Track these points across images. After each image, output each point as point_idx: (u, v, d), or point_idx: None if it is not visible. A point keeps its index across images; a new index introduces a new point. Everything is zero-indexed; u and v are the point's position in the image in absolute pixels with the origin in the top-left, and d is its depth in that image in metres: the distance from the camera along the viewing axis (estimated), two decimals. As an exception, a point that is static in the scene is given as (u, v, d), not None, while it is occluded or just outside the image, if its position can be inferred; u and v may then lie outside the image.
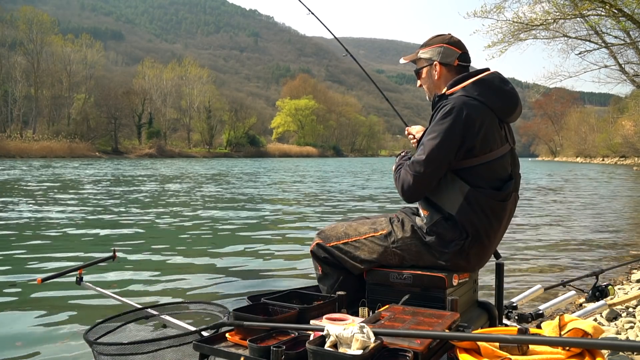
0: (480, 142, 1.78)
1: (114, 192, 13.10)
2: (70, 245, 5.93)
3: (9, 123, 54.28)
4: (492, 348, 1.26)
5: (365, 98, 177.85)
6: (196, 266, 4.97)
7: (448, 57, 1.98)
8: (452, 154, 1.78)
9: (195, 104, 73.90)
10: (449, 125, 1.77)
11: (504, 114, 1.87)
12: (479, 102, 1.81)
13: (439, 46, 1.99)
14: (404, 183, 1.85)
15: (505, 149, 1.87)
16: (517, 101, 1.91)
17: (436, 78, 2.00)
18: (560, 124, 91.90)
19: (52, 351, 2.81)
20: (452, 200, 1.81)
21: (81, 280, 2.42)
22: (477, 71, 1.93)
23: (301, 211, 9.72)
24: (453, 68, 1.98)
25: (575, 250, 6.05)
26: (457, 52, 1.98)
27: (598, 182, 21.67)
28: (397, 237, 1.90)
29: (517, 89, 1.95)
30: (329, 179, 21.74)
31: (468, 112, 1.77)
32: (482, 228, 1.81)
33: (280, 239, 6.55)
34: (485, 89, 1.84)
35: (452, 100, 1.81)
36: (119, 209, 9.42)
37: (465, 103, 1.79)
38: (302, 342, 1.40)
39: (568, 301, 2.71)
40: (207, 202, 11.21)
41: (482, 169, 1.81)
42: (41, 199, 10.95)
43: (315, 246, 2.03)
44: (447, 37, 2.02)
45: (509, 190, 1.85)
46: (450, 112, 1.78)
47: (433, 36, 2.06)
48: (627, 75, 18.08)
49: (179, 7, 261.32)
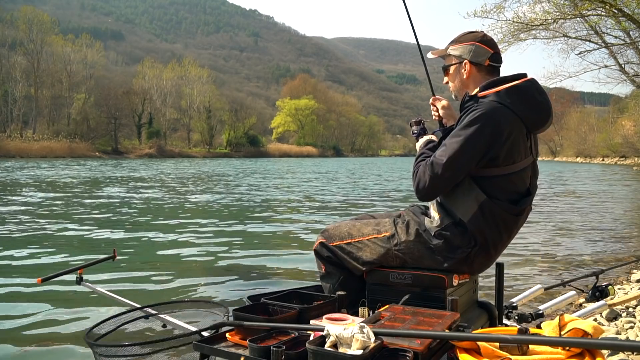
0: (505, 153, 1.72)
1: (114, 192, 13.10)
2: (70, 245, 5.93)
3: (9, 123, 54.26)
4: (492, 348, 1.26)
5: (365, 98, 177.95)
6: (196, 266, 4.97)
7: (479, 57, 1.89)
8: (474, 162, 1.72)
9: (195, 104, 73.89)
10: (475, 131, 1.70)
11: (534, 125, 1.80)
12: (510, 110, 1.72)
13: (470, 44, 1.90)
14: (419, 181, 1.78)
15: (529, 160, 1.81)
16: (550, 113, 1.83)
17: (465, 77, 1.92)
18: (560, 124, 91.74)
19: (52, 351, 2.81)
20: (466, 207, 1.76)
21: (81, 280, 2.42)
22: (513, 76, 1.83)
23: (301, 211, 9.71)
24: (483, 68, 1.89)
25: (575, 250, 6.05)
26: (490, 51, 1.89)
27: (598, 182, 21.67)
28: (400, 240, 1.87)
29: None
30: (328, 179, 21.73)
31: (497, 120, 1.70)
32: (491, 239, 1.78)
33: (280, 239, 6.55)
34: (519, 98, 1.75)
35: (483, 106, 1.73)
36: (119, 209, 9.42)
37: (496, 110, 1.71)
38: (302, 342, 1.39)
39: (568, 301, 2.71)
40: (207, 202, 11.21)
41: (502, 181, 1.76)
42: (41, 199, 10.95)
43: (319, 245, 2.02)
44: (480, 35, 1.92)
45: (525, 205, 1.81)
46: (479, 118, 1.70)
47: (464, 33, 1.96)
48: (627, 75, 18.06)
49: (179, 7, 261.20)
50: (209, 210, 9.71)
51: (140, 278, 4.47)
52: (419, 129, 2.08)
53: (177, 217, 8.61)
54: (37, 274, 2.49)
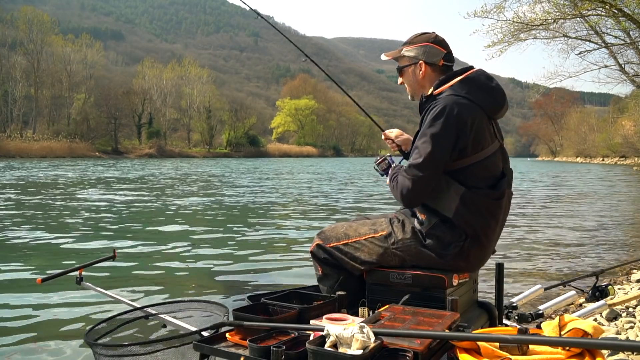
0: (473, 141, 1.78)
1: (114, 192, 13.10)
2: (70, 245, 5.93)
3: (9, 123, 54.28)
4: (492, 348, 1.26)
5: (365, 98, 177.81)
6: (196, 266, 4.97)
7: (433, 57, 1.95)
8: (448, 154, 1.77)
9: (195, 104, 73.90)
10: (441, 126, 1.76)
11: (492, 110, 1.87)
12: (468, 100, 1.80)
13: (424, 45, 1.96)
14: (402, 188, 1.83)
15: (496, 145, 1.87)
16: (505, 97, 1.91)
17: (421, 77, 1.97)
18: (560, 124, 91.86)
19: (52, 351, 2.81)
20: (449, 203, 1.80)
21: (81, 280, 2.42)
22: (462, 70, 1.91)
23: (301, 211, 9.71)
24: (438, 68, 1.95)
25: (575, 250, 6.04)
26: (443, 51, 1.95)
27: (598, 182, 21.66)
28: (397, 238, 1.89)
29: (517, 89, 1.96)
30: (329, 179, 21.73)
31: (459, 111, 1.76)
32: (480, 228, 1.81)
33: (280, 239, 6.55)
34: (473, 87, 1.83)
35: (442, 101, 1.80)
36: (119, 209, 9.42)
37: (455, 102, 1.78)
38: (302, 342, 1.39)
39: (568, 301, 2.70)
40: (207, 202, 11.21)
41: (476, 169, 1.81)
42: (41, 199, 10.95)
43: (316, 247, 2.02)
44: (432, 36, 1.98)
45: (503, 188, 1.86)
46: (441, 113, 1.76)
47: (417, 34, 2.02)
48: (627, 75, 18.07)
49: (179, 7, 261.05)
50: (208, 210, 9.71)
51: (140, 278, 4.47)
52: (387, 164, 2.10)
53: (177, 217, 8.61)
54: (37, 274, 2.48)
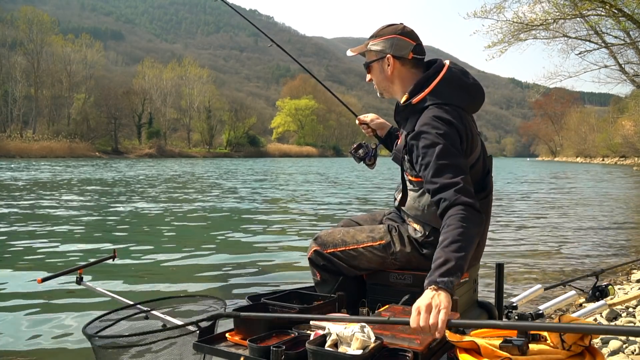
0: (467, 148, 1.70)
1: (114, 192, 13.10)
2: (70, 245, 5.93)
3: (9, 123, 54.27)
4: (492, 348, 1.26)
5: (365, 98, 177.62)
6: (196, 266, 4.97)
7: (402, 50, 1.78)
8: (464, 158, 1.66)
9: (195, 104, 73.89)
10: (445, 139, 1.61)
11: (473, 109, 1.79)
12: (454, 106, 1.69)
13: (391, 37, 1.79)
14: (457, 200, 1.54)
15: (479, 142, 1.79)
16: (482, 91, 1.81)
17: (389, 73, 1.81)
18: (560, 124, 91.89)
19: (52, 351, 2.81)
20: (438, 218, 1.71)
21: (81, 280, 2.42)
22: (435, 69, 1.76)
23: (301, 211, 9.71)
24: (407, 61, 1.79)
25: (575, 250, 6.04)
26: (412, 43, 1.79)
27: (598, 182, 21.66)
28: (396, 250, 1.85)
29: (517, 89, 1.93)
30: (327, 180, 21.73)
31: (454, 122, 1.64)
32: None
33: (280, 240, 6.55)
34: (453, 90, 1.71)
35: (431, 122, 1.64)
36: (119, 209, 9.42)
37: (446, 112, 1.65)
38: (302, 342, 1.39)
39: (568, 301, 2.70)
40: (207, 202, 11.21)
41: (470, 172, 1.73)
42: (41, 199, 10.95)
43: (313, 253, 1.96)
44: (400, 27, 1.81)
45: (490, 185, 1.82)
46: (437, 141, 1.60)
47: (384, 26, 1.85)
48: (627, 75, 18.08)
49: (179, 7, 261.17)
50: (208, 211, 9.71)
51: (140, 278, 4.47)
52: (364, 151, 2.07)
53: (177, 217, 8.61)
54: (37, 274, 2.48)
